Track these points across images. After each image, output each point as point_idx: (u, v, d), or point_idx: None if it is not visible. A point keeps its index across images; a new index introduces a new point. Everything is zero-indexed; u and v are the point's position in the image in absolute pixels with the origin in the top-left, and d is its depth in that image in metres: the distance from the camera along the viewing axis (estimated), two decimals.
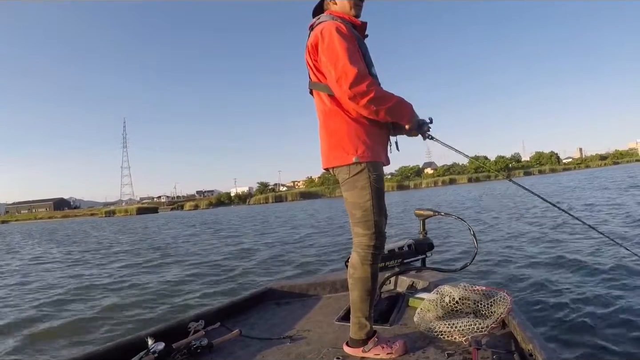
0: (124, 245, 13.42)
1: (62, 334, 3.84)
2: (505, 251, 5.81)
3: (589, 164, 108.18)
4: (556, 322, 2.99)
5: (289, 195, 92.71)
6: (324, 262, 6.67)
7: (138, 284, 6.02)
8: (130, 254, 10.46)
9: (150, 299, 4.89)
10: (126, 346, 1.70)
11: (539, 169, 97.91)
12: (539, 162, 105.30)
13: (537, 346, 1.38)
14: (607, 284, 3.69)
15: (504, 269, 4.75)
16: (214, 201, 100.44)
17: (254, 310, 2.39)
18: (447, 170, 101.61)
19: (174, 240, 13.51)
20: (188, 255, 9.01)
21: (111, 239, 16.68)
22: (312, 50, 1.62)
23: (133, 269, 7.70)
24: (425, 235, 2.68)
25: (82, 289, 5.88)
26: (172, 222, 30.04)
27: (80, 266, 8.66)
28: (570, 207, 10.89)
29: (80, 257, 10.43)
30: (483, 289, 1.91)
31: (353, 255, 1.63)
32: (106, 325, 3.94)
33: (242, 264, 7.03)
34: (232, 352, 1.78)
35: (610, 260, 4.49)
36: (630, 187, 15.81)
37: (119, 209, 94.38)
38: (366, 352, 1.58)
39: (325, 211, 24.24)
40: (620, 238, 5.65)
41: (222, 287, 5.35)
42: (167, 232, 18.68)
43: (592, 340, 2.64)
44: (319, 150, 1.73)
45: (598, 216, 8.61)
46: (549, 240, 6.31)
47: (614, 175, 29.25)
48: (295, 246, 8.99)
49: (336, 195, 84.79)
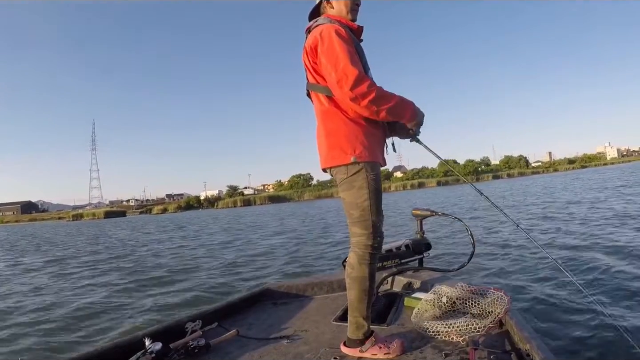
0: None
1: (55, 334, 3.83)
2: (502, 251, 5.82)
3: (557, 167, 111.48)
4: (554, 322, 2.99)
5: (257, 199, 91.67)
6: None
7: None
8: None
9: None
10: (124, 346, 1.70)
11: (507, 172, 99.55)
12: (508, 165, 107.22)
13: (534, 346, 1.39)
14: (606, 285, 3.68)
15: (501, 269, 4.75)
16: (182, 205, 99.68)
17: (251, 310, 2.39)
18: (417, 174, 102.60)
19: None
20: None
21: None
22: (311, 52, 1.62)
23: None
24: (422, 235, 2.68)
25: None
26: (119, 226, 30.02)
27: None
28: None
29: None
30: (480, 289, 1.92)
31: (351, 255, 1.63)
32: (100, 328, 3.93)
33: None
34: (230, 352, 1.78)
35: (609, 260, 4.51)
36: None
37: (87, 213, 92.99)
38: (363, 352, 1.58)
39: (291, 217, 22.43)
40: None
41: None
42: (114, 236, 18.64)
43: (590, 341, 2.64)
44: (316, 151, 1.73)
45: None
46: (547, 240, 6.33)
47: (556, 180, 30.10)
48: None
49: (304, 199, 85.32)
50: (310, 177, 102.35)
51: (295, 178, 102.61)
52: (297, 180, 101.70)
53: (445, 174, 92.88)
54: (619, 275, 3.87)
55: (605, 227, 6.83)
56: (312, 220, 17.55)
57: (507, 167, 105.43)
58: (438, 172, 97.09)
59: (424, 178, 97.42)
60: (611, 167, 67.20)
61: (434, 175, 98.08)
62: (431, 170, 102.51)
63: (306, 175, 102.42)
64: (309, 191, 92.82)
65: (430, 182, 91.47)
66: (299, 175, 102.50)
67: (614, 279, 3.79)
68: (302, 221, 17.27)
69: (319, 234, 11.26)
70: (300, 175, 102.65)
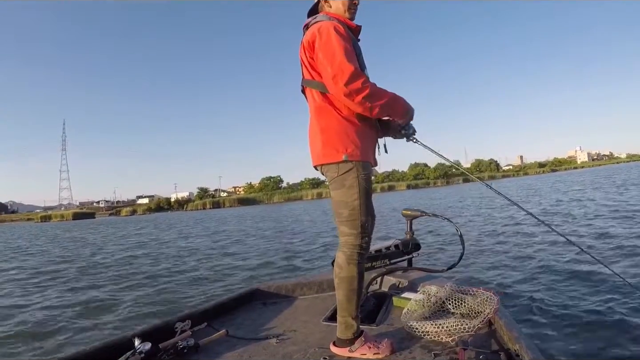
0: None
1: (49, 335, 3.77)
2: (492, 252, 5.88)
3: (527, 171, 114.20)
4: (543, 322, 3.02)
5: (226, 202, 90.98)
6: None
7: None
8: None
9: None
10: (113, 346, 1.69)
11: (477, 176, 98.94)
12: (479, 169, 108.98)
13: (523, 346, 1.39)
14: (594, 285, 3.73)
15: (490, 269, 4.80)
16: (152, 206, 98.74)
17: (240, 311, 2.38)
18: (387, 177, 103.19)
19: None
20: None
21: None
22: (308, 48, 1.63)
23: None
24: (412, 236, 2.69)
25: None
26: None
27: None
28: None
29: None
30: (470, 289, 1.93)
31: (339, 255, 1.63)
32: (92, 325, 3.88)
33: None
34: (219, 352, 1.77)
35: (595, 261, 4.55)
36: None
37: (55, 214, 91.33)
38: (353, 352, 1.58)
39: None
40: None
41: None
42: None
43: (579, 340, 2.67)
44: (308, 148, 1.73)
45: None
46: (535, 241, 6.40)
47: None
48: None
49: (274, 201, 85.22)
50: (280, 180, 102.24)
51: (266, 181, 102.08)
52: (268, 182, 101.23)
53: (415, 177, 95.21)
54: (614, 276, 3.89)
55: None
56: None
57: (478, 171, 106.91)
58: (408, 175, 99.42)
59: (394, 181, 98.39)
60: (581, 171, 68.62)
61: (404, 178, 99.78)
62: (401, 173, 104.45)
63: (276, 177, 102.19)
64: (278, 194, 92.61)
65: (400, 186, 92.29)
66: (269, 178, 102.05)
67: (607, 278, 3.82)
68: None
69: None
70: (270, 177, 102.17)
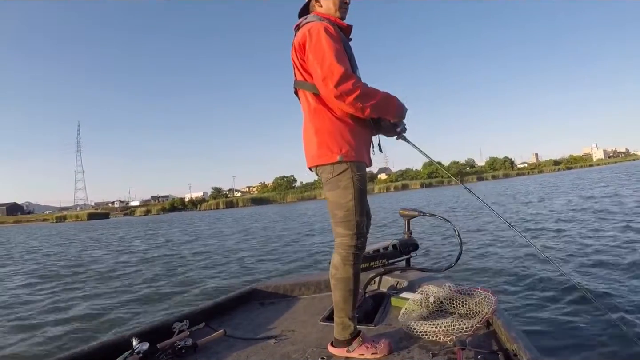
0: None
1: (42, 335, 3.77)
2: (490, 251, 5.88)
3: (542, 169, 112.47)
4: (541, 322, 3.01)
5: (240, 201, 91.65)
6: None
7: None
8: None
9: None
10: (111, 346, 1.69)
11: (492, 174, 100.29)
12: (493, 167, 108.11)
13: (521, 346, 1.40)
14: (594, 285, 3.72)
15: (488, 269, 4.80)
16: (167, 206, 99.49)
17: (238, 311, 2.38)
18: (401, 176, 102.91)
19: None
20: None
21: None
22: (299, 49, 1.62)
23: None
24: (410, 236, 2.69)
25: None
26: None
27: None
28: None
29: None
30: (468, 289, 1.93)
31: (334, 256, 1.63)
32: (90, 327, 3.87)
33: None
34: (217, 352, 1.77)
35: (595, 260, 4.58)
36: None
37: (70, 215, 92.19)
38: (350, 352, 1.58)
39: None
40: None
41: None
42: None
43: (577, 341, 2.66)
44: (301, 152, 1.72)
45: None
46: (534, 240, 6.39)
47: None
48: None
49: (287, 201, 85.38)
50: (293, 179, 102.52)
51: (279, 180, 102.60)
52: (281, 182, 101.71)
53: (429, 176, 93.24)
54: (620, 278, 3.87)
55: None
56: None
57: (492, 169, 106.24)
58: (422, 174, 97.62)
59: (408, 180, 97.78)
60: (597, 168, 68.33)
61: (418, 177, 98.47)
62: (415, 172, 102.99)
63: (290, 177, 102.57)
64: (292, 193, 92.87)
65: (414, 184, 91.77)
66: (283, 178, 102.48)
67: (606, 277, 3.82)
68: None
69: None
70: (283, 177, 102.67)
